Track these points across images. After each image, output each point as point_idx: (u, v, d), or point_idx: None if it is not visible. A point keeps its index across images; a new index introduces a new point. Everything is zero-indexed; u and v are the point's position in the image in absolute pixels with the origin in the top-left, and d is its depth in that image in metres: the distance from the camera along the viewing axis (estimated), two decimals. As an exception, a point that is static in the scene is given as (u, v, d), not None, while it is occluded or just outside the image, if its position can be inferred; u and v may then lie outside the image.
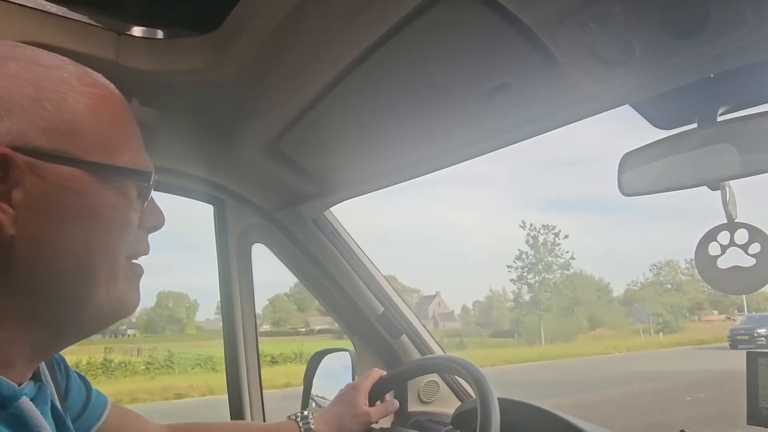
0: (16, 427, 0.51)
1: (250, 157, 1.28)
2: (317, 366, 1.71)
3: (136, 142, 0.59)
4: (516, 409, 1.22)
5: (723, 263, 0.80)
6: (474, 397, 1.29)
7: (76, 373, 0.82)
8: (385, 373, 1.23)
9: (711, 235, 0.81)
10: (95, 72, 0.59)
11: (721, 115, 0.77)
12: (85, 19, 0.98)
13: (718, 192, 0.79)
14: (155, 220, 0.64)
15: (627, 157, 0.83)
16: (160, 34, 1.02)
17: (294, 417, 1.09)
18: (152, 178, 0.59)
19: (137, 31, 1.02)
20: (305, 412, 1.10)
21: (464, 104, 0.92)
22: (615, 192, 0.85)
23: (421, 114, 0.98)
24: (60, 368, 0.75)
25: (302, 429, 1.08)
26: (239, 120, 1.17)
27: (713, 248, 0.81)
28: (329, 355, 1.73)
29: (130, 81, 1.05)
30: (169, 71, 1.02)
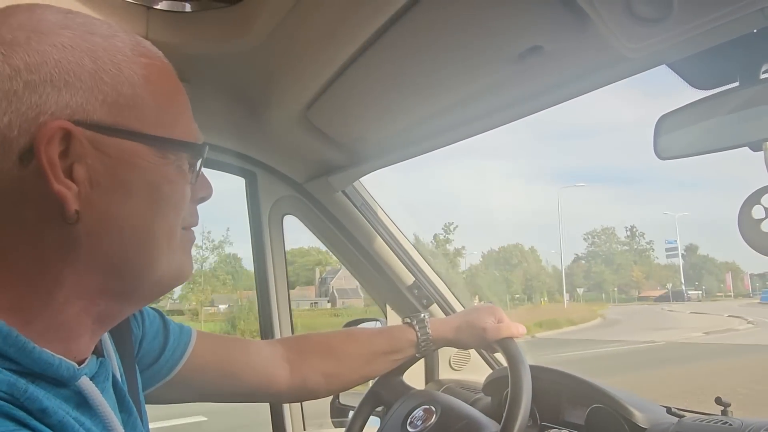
0: (77, 405, 0.52)
1: (279, 128, 1.29)
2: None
3: (188, 113, 0.58)
4: (547, 376, 1.22)
5: (767, 226, 0.78)
6: (503, 366, 1.30)
7: (156, 311, 0.82)
8: None
9: (755, 198, 0.78)
10: (145, 40, 0.56)
11: (764, 73, 0.74)
12: (115, -6, 0.99)
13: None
14: (205, 191, 0.64)
15: (663, 119, 0.81)
16: (188, 7, 1.03)
17: (409, 320, 1.08)
18: (205, 150, 0.59)
19: (165, 5, 1.03)
20: (422, 315, 1.09)
21: (495, 68, 0.90)
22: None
23: (451, 80, 0.96)
24: (135, 317, 0.76)
25: (419, 333, 1.06)
26: (268, 91, 1.18)
27: (757, 211, 0.79)
28: (361, 324, 1.76)
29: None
30: (198, 44, 1.03)
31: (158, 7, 1.02)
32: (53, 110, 0.47)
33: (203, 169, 0.62)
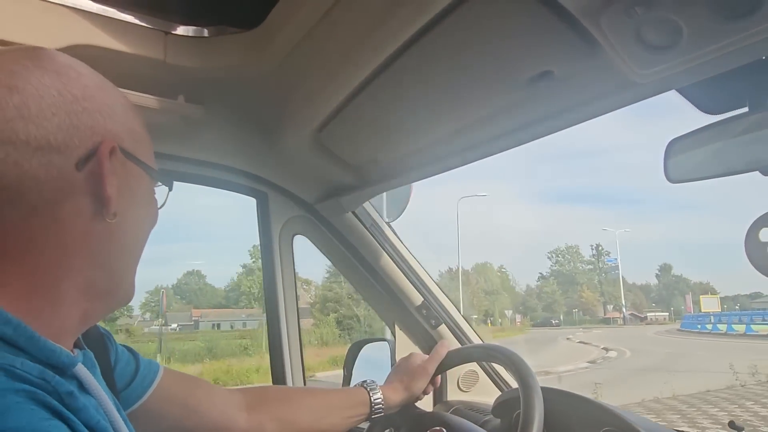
0: (84, 405, 0.54)
1: (291, 149, 1.31)
2: (356, 355, 1.74)
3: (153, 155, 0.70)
4: (557, 398, 1.21)
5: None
6: (512, 387, 1.30)
7: (124, 345, 0.87)
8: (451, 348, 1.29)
9: (763, 221, 0.79)
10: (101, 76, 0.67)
11: (773, 98, 0.75)
12: (132, 20, 1.01)
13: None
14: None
15: (674, 142, 0.82)
16: (205, 32, 1.06)
17: (365, 384, 1.17)
18: (172, 183, 0.72)
19: (183, 30, 1.05)
20: (374, 382, 1.17)
21: (506, 93, 0.91)
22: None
23: (462, 104, 0.98)
24: (109, 340, 0.81)
25: (370, 392, 1.15)
26: (281, 113, 1.20)
27: (764, 234, 0.80)
28: (368, 345, 1.76)
29: (178, 79, 1.09)
30: (215, 68, 1.05)
31: (176, 32, 1.05)
32: (103, 132, 0.59)
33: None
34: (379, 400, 1.14)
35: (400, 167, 1.29)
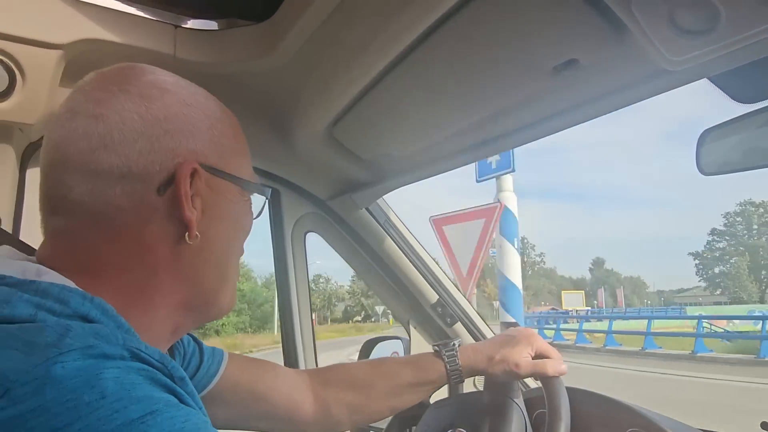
0: (193, 391, 0.54)
1: (304, 145, 1.28)
2: (369, 353, 1.71)
3: (250, 159, 0.69)
4: (581, 398, 1.18)
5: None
6: (533, 386, 1.27)
7: (190, 335, 0.86)
8: None
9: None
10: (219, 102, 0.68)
11: (813, 85, 0.71)
12: (141, 13, 0.99)
13: None
14: (250, 228, 0.73)
15: (706, 133, 0.78)
16: (215, 25, 1.03)
17: (438, 348, 1.04)
18: (269, 192, 0.71)
19: (193, 23, 1.03)
20: (453, 342, 1.04)
21: (527, 84, 0.88)
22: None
23: (481, 95, 0.95)
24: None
25: (447, 364, 1.02)
26: (293, 108, 1.17)
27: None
28: (381, 342, 1.73)
29: (187, 73, 1.05)
30: (225, 62, 1.03)
31: (185, 25, 1.02)
32: (185, 153, 0.58)
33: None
34: (456, 368, 1.01)
35: (416, 162, 1.25)
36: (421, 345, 1.63)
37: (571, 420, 0.95)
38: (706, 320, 22.28)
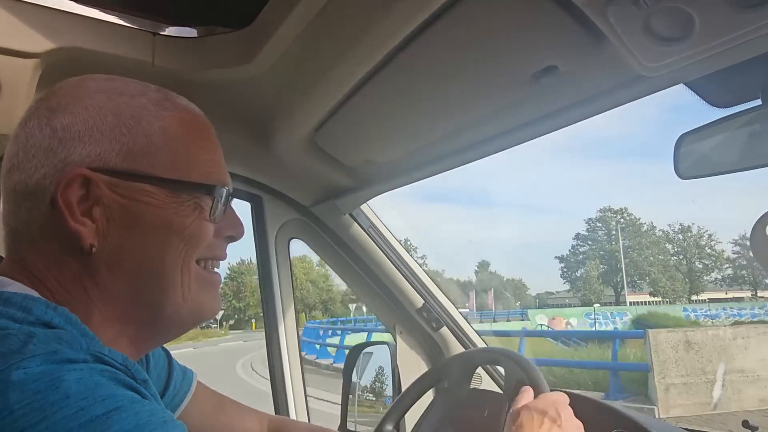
0: (156, 393, 0.55)
1: (286, 152, 1.27)
2: (356, 359, 1.71)
3: (210, 157, 0.64)
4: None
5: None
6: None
7: (164, 351, 0.83)
8: None
9: (768, 218, 0.77)
10: (179, 96, 0.65)
11: (786, 90, 0.72)
12: (120, 21, 0.98)
13: None
14: (233, 230, 0.67)
15: (684, 137, 0.79)
16: (194, 32, 1.02)
17: None
18: (223, 192, 0.63)
19: (171, 30, 1.02)
20: None
21: (508, 90, 0.88)
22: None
23: (463, 102, 0.95)
24: (139, 360, 0.76)
25: None
26: (275, 115, 1.16)
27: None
28: (368, 348, 1.73)
29: (167, 81, 1.05)
30: (205, 69, 1.02)
31: (164, 33, 1.01)
32: (77, 160, 0.55)
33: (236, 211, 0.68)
34: None
35: (399, 168, 1.25)
36: (408, 350, 1.63)
37: None
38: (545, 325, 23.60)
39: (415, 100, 0.97)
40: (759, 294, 54.45)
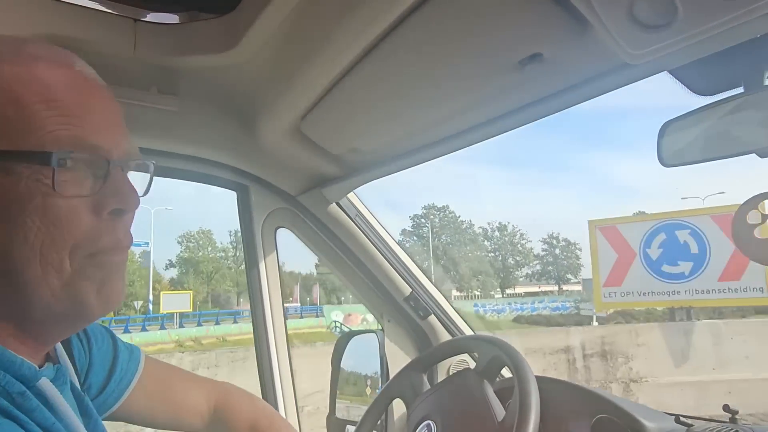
0: (38, 405, 0.52)
1: (272, 140, 1.26)
2: (344, 348, 1.71)
3: (65, 117, 0.52)
4: (552, 386, 1.20)
5: (760, 233, 0.78)
6: (505, 377, 1.28)
7: (109, 333, 0.80)
8: None
9: (753, 203, 0.78)
10: (46, 46, 0.55)
11: (768, 78, 0.73)
12: (101, 7, 0.96)
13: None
14: (119, 202, 0.55)
15: (667, 125, 0.80)
16: (176, 18, 1.01)
17: None
18: (52, 159, 0.50)
19: (153, 17, 1.00)
20: None
21: (493, 77, 0.88)
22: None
23: (449, 89, 0.95)
24: (81, 343, 0.75)
25: None
26: (260, 103, 1.15)
27: (752, 216, 0.78)
28: (356, 337, 1.73)
29: (149, 68, 1.04)
30: (187, 56, 1.00)
31: (146, 19, 0.99)
32: None
33: (116, 175, 0.55)
34: None
35: (385, 156, 1.25)
36: (395, 339, 1.63)
37: (542, 408, 0.96)
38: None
39: (401, 87, 0.97)
40: (564, 288, 56.95)
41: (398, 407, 1.52)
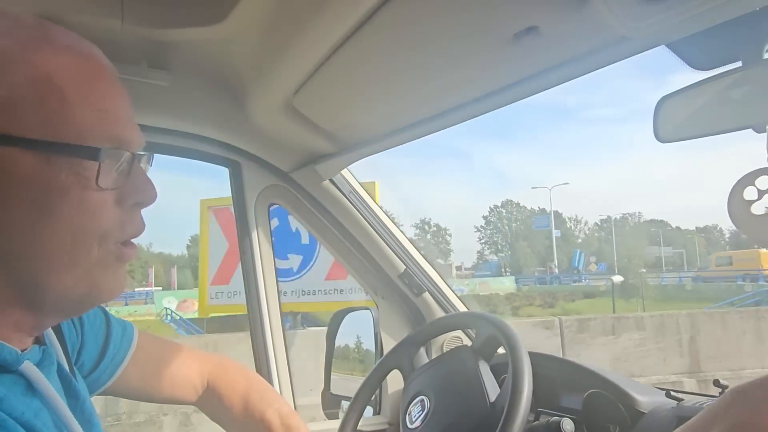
0: (21, 389, 0.52)
1: (264, 116, 1.25)
2: (339, 325, 1.72)
3: (101, 109, 0.53)
4: (542, 361, 1.21)
5: (757, 209, 0.77)
6: (499, 352, 1.30)
7: (102, 311, 0.80)
8: None
9: (749, 179, 0.77)
10: (66, 33, 0.54)
11: None
12: (85, -21, 0.93)
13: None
14: (141, 195, 0.58)
15: (664, 100, 0.78)
16: (164, -10, 0.98)
17: None
18: (119, 154, 0.54)
19: (141, -13, 0.97)
20: None
21: (489, 51, 0.86)
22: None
23: (443, 63, 0.93)
24: (72, 321, 0.75)
25: None
26: (252, 77, 1.13)
27: (749, 192, 0.78)
28: (351, 313, 1.74)
29: (138, 42, 1.02)
30: (176, 29, 0.98)
31: (133, -10, 0.97)
32: None
33: (143, 172, 0.58)
34: None
35: (379, 132, 1.24)
36: (390, 316, 1.64)
37: (535, 383, 0.97)
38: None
39: (395, 62, 0.95)
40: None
41: (392, 384, 1.54)
